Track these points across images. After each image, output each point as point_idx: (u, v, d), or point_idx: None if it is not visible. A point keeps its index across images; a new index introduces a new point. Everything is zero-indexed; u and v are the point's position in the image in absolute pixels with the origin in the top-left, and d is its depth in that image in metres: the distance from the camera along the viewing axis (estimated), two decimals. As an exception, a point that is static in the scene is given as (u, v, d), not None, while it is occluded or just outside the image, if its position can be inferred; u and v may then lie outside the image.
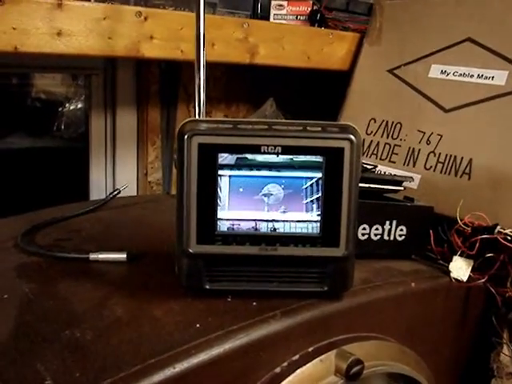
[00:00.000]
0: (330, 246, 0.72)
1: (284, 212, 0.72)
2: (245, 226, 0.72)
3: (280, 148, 0.69)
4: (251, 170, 0.71)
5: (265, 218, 0.72)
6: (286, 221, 0.72)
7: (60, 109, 2.05)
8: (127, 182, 1.45)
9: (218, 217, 0.71)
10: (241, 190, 0.71)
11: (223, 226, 0.71)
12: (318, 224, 0.72)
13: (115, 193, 1.20)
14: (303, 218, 0.72)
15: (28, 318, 0.73)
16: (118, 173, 1.63)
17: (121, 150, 1.62)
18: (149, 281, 0.83)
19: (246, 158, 0.70)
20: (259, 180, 0.71)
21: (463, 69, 1.18)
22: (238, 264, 0.74)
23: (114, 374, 0.61)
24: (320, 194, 0.71)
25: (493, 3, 1.19)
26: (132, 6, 1.15)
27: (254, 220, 0.71)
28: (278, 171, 0.71)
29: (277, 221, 0.72)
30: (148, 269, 0.87)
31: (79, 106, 2.02)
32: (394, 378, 0.86)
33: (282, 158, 0.70)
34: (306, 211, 0.72)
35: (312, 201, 0.71)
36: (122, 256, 0.89)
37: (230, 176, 0.71)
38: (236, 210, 0.71)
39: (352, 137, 0.70)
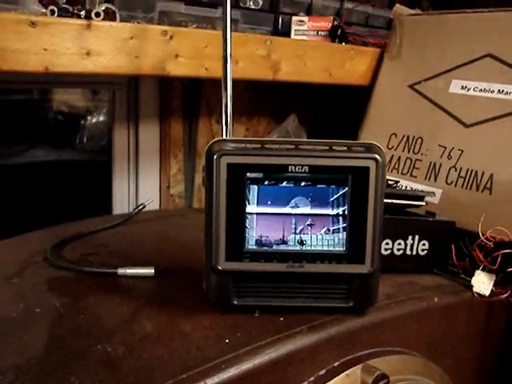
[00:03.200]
0: (356, 263, 0.73)
1: (311, 225, 0.73)
2: (273, 238, 0.73)
3: (307, 167, 0.71)
4: (278, 184, 0.72)
5: (292, 231, 0.73)
6: (313, 234, 0.73)
7: (82, 122, 2.08)
8: (150, 195, 1.48)
9: (246, 234, 0.73)
10: (269, 203, 0.73)
11: (251, 241, 0.73)
12: (344, 239, 0.73)
13: (140, 207, 1.22)
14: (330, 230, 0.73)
15: (60, 332, 0.75)
16: (141, 186, 1.65)
17: (144, 164, 1.64)
18: (177, 296, 0.84)
19: (273, 174, 0.72)
20: (286, 193, 0.73)
21: (484, 84, 1.19)
22: (266, 280, 0.75)
23: (147, 389, 0.62)
24: (346, 211, 0.73)
25: (513, 20, 1.20)
26: (156, 24, 1.17)
27: (282, 232, 0.73)
28: (306, 186, 0.72)
29: (304, 233, 0.73)
30: (175, 284, 0.88)
31: (101, 119, 2.04)
32: (419, 392, 0.87)
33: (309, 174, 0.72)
34: (333, 224, 0.73)
35: (338, 217, 0.73)
36: (150, 271, 0.91)
37: (257, 190, 0.72)
38: (264, 224, 0.73)
39: (377, 156, 0.71)
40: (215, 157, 0.70)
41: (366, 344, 0.79)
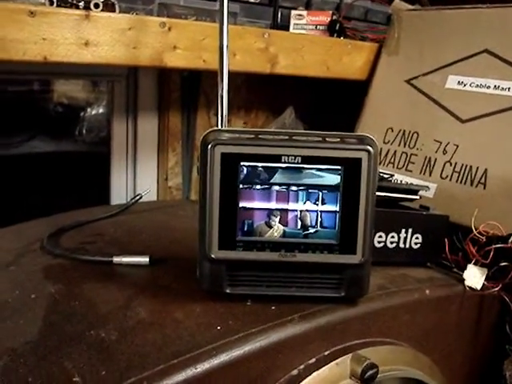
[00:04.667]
0: (347, 253, 0.74)
1: (303, 215, 0.74)
2: (265, 227, 0.74)
3: (300, 158, 0.72)
4: (272, 175, 0.73)
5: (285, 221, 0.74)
6: (306, 223, 0.74)
7: (82, 114, 2.09)
8: (148, 187, 1.48)
9: (239, 223, 0.74)
10: (262, 193, 0.74)
11: (244, 230, 0.74)
12: (336, 230, 0.74)
13: (138, 198, 1.23)
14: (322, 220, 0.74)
15: (55, 318, 0.75)
16: (139, 177, 1.66)
17: (142, 155, 1.65)
18: (171, 284, 0.85)
19: (267, 165, 0.73)
20: (280, 183, 0.74)
21: (480, 80, 1.20)
22: (258, 269, 0.76)
23: (139, 373, 0.63)
24: (338, 202, 0.73)
25: (510, 16, 1.20)
26: (155, 16, 1.18)
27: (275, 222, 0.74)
28: (299, 177, 0.73)
29: (297, 223, 0.74)
30: (170, 272, 0.89)
31: (100, 110, 2.05)
32: (408, 383, 0.88)
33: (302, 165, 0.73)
34: (325, 214, 0.74)
35: (330, 207, 0.74)
36: (145, 260, 0.91)
37: (251, 181, 0.73)
38: (257, 213, 0.74)
39: (369, 148, 0.72)
40: (209, 146, 0.71)
41: (356, 334, 0.80)
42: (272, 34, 1.25)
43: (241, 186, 0.73)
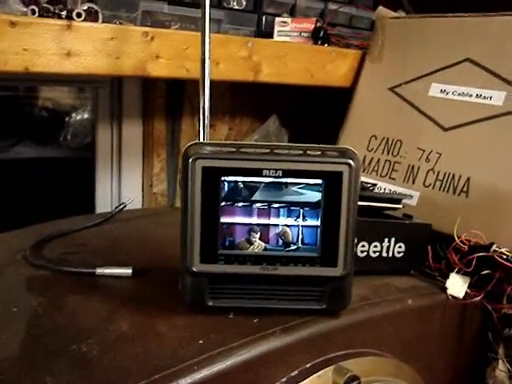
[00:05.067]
0: (329, 266, 0.74)
1: (285, 229, 0.74)
2: (247, 241, 0.74)
3: (281, 172, 0.72)
4: (253, 191, 0.73)
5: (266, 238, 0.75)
6: (287, 237, 0.75)
7: (66, 119, 2.08)
8: (132, 194, 1.48)
9: (221, 237, 0.74)
10: (243, 208, 0.74)
11: (226, 244, 0.74)
12: (317, 243, 0.74)
13: (121, 207, 1.22)
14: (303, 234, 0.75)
15: (37, 332, 0.75)
16: (124, 184, 1.66)
17: (126, 162, 1.64)
18: (153, 296, 0.85)
19: (248, 180, 0.73)
20: (260, 198, 0.74)
21: (462, 88, 1.20)
22: (240, 282, 0.76)
23: (120, 389, 0.63)
24: (319, 215, 0.74)
25: (492, 25, 1.21)
26: (139, 25, 1.18)
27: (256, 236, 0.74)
28: (280, 190, 0.73)
29: (278, 236, 0.75)
30: (153, 284, 0.89)
31: (85, 116, 2.04)
32: (391, 393, 0.88)
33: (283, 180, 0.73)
34: (306, 228, 0.74)
35: (311, 221, 0.74)
36: (128, 271, 0.91)
37: (232, 194, 0.73)
38: (238, 227, 0.74)
39: (350, 161, 0.72)
40: (190, 160, 0.71)
41: (338, 346, 0.80)
42: (255, 42, 1.25)
43: (223, 203, 0.73)
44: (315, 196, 0.73)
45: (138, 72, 1.10)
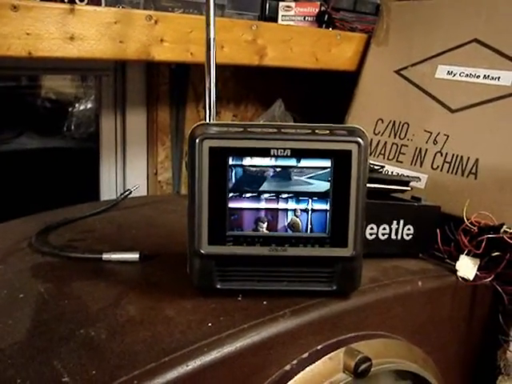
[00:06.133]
0: (339, 247, 0.73)
1: (293, 210, 0.73)
2: (255, 222, 0.73)
3: (289, 151, 0.71)
4: (261, 168, 0.72)
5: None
6: (296, 217, 0.74)
7: (70, 109, 2.08)
8: (137, 182, 1.47)
9: (229, 218, 0.73)
10: (251, 189, 0.73)
11: (234, 225, 0.73)
12: (327, 223, 0.73)
13: (127, 193, 1.22)
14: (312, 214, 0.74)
15: (44, 317, 0.75)
16: (129, 173, 1.65)
17: (131, 150, 1.64)
18: (161, 280, 0.84)
19: (256, 161, 0.72)
20: (269, 177, 0.73)
21: (470, 69, 1.19)
22: (249, 264, 0.75)
23: (129, 372, 0.62)
24: (328, 195, 0.73)
25: (499, 5, 1.19)
26: (142, 9, 1.17)
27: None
28: (288, 170, 0.72)
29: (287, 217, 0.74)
30: (160, 268, 0.88)
31: (89, 106, 2.04)
32: (402, 376, 0.87)
33: (291, 159, 0.72)
34: (315, 208, 0.73)
35: (320, 200, 0.73)
36: (135, 256, 0.91)
37: (240, 177, 0.72)
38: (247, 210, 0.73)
39: (359, 139, 0.71)
40: (197, 140, 0.70)
41: (349, 327, 0.79)
42: (260, 26, 1.24)
43: (230, 179, 0.72)
44: (325, 182, 0.72)
45: (142, 56, 1.09)
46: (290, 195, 0.73)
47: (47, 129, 2.11)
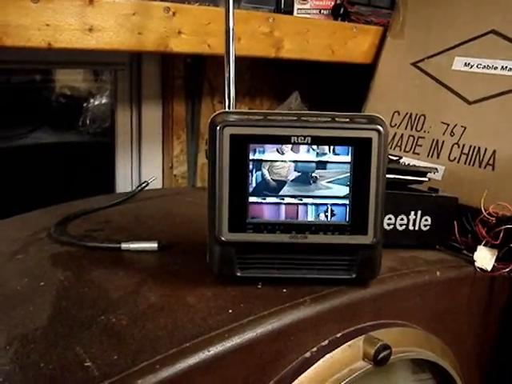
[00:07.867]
0: (359, 234, 0.73)
1: (314, 197, 0.74)
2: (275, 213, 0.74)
3: (310, 138, 0.71)
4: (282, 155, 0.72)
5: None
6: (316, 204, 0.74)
7: (85, 104, 2.08)
8: (153, 176, 1.48)
9: (250, 205, 0.73)
10: (272, 176, 0.73)
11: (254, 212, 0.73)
12: (347, 210, 0.74)
13: (144, 185, 1.22)
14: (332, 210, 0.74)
15: (65, 304, 0.75)
16: (144, 166, 1.65)
17: (146, 144, 1.64)
18: (180, 269, 0.85)
19: (276, 148, 0.72)
20: (289, 166, 0.73)
21: (487, 61, 1.19)
22: (269, 252, 0.75)
23: (151, 357, 0.63)
24: (349, 182, 0.73)
25: (517, -5, 1.19)
26: (159, 1, 1.17)
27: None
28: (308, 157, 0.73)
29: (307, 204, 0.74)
30: (179, 258, 0.89)
31: (104, 101, 2.04)
32: (420, 365, 0.87)
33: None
34: (336, 195, 0.73)
35: (341, 188, 0.73)
36: (153, 245, 0.91)
37: (260, 164, 0.72)
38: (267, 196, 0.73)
39: (380, 127, 0.71)
40: (218, 128, 0.70)
41: (368, 315, 0.80)
42: (277, 18, 1.25)
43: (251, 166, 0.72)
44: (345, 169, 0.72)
45: (160, 48, 1.09)
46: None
47: (62, 124, 2.11)
